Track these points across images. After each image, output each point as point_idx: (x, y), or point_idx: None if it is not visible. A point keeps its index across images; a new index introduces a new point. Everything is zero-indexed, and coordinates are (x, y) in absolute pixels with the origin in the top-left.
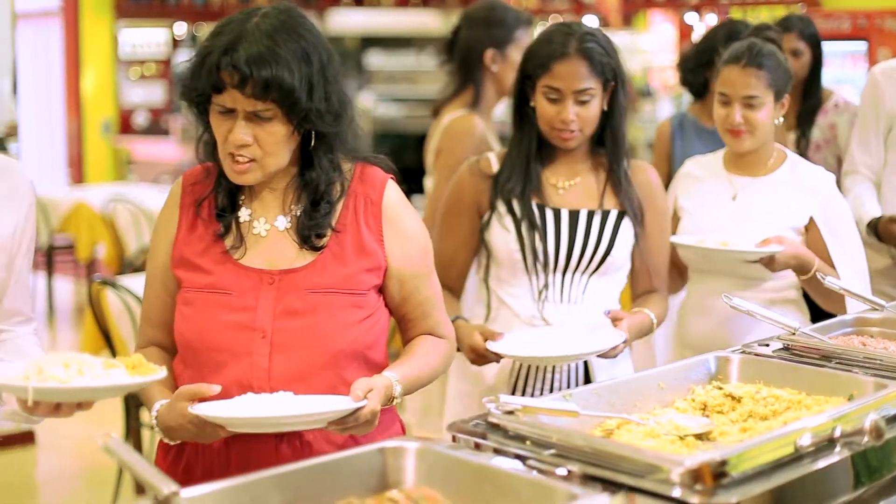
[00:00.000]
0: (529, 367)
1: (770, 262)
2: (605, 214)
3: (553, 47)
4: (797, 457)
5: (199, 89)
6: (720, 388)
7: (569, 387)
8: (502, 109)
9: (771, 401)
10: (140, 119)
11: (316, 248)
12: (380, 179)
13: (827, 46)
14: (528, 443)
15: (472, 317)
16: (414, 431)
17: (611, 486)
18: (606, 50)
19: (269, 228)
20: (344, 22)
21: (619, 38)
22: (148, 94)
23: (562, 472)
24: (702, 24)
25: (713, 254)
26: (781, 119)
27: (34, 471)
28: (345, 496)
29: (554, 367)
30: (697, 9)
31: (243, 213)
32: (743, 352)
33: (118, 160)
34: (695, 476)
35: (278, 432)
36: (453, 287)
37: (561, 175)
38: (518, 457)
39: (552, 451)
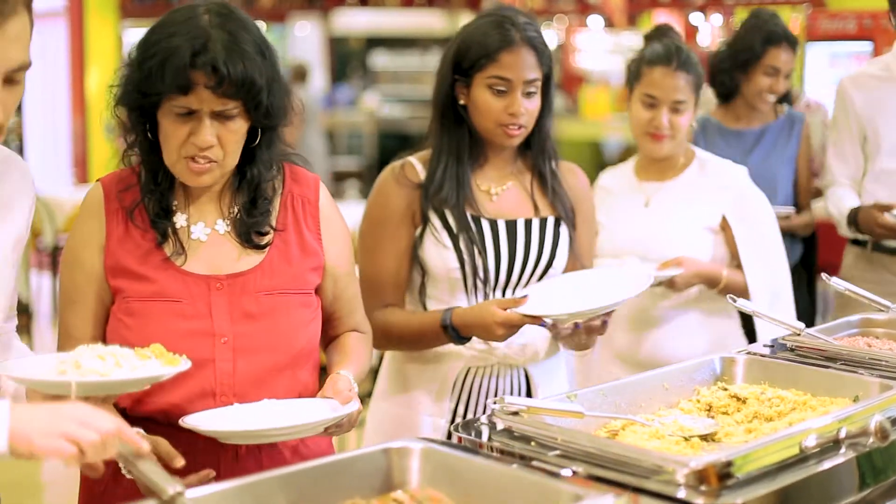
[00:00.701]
0: (477, 373)
1: (672, 286)
2: (543, 222)
3: (495, 37)
4: (802, 458)
5: (159, 92)
6: (725, 389)
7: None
8: None
9: (776, 402)
10: None
11: (259, 247)
12: (312, 180)
13: (832, 47)
14: (532, 444)
15: None
16: None
17: (616, 487)
18: (544, 40)
19: (209, 233)
20: (349, 22)
21: (625, 39)
22: None
23: (566, 473)
24: (707, 24)
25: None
26: (694, 123)
27: (39, 471)
28: (349, 497)
29: (498, 376)
30: (703, 9)
31: (179, 219)
32: (748, 353)
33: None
34: (700, 477)
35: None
36: (398, 303)
37: (491, 180)
38: (523, 458)
39: (557, 451)
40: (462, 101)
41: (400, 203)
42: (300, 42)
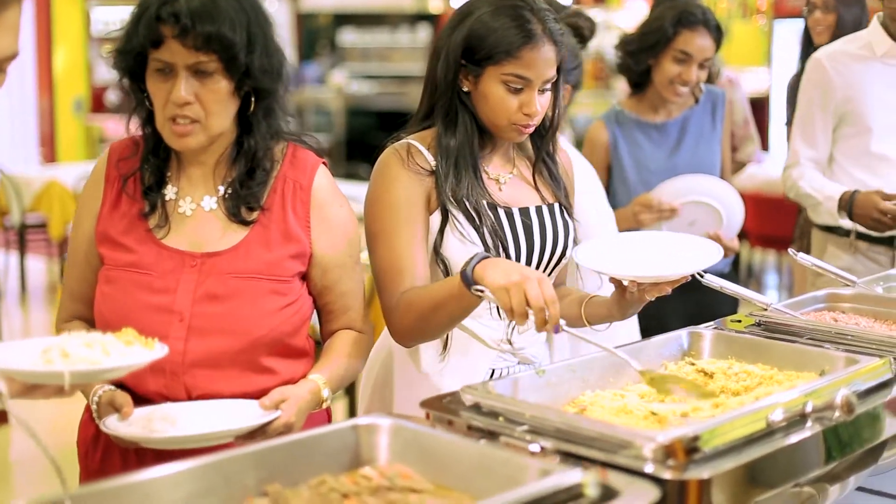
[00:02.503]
0: (502, 375)
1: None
2: (551, 208)
3: (516, 31)
4: (769, 432)
5: (136, 47)
6: (692, 364)
7: None
8: None
9: (743, 376)
10: (112, 97)
11: (245, 223)
12: (311, 164)
13: (800, 23)
14: (500, 419)
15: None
16: None
17: (584, 462)
18: (560, 25)
19: (194, 208)
20: None
21: (593, 15)
22: None
23: (535, 448)
24: None
25: None
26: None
27: (8, 451)
28: (318, 474)
29: None
30: None
31: (169, 191)
32: (715, 328)
33: (90, 138)
34: (667, 451)
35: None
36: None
37: (499, 167)
38: (491, 433)
39: (525, 427)
40: (466, 89)
41: (413, 188)
42: None
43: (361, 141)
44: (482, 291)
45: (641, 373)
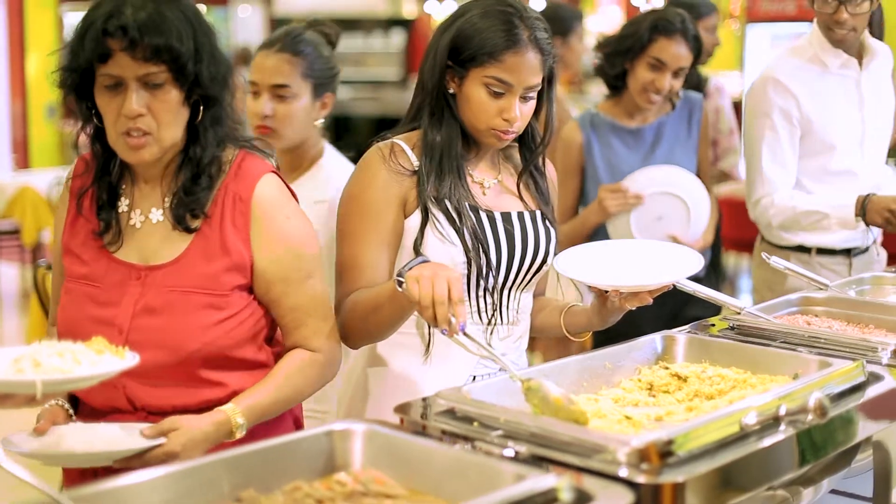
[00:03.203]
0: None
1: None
2: (533, 215)
3: (501, 34)
4: (743, 435)
5: (82, 63)
6: (666, 368)
7: None
8: None
9: (717, 380)
10: None
11: (189, 230)
12: (255, 175)
13: (773, 28)
14: (475, 424)
15: (402, 349)
16: None
17: (558, 467)
18: (549, 36)
19: (143, 220)
20: (291, 4)
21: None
22: None
23: (509, 453)
24: (648, 6)
25: None
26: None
27: None
28: (293, 479)
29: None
30: None
31: (122, 204)
32: (689, 332)
33: (63, 144)
34: (641, 455)
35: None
36: None
37: (484, 172)
38: (465, 438)
39: (499, 432)
40: (451, 90)
41: (391, 189)
42: (243, 24)
43: (335, 145)
44: (401, 284)
45: (524, 386)
